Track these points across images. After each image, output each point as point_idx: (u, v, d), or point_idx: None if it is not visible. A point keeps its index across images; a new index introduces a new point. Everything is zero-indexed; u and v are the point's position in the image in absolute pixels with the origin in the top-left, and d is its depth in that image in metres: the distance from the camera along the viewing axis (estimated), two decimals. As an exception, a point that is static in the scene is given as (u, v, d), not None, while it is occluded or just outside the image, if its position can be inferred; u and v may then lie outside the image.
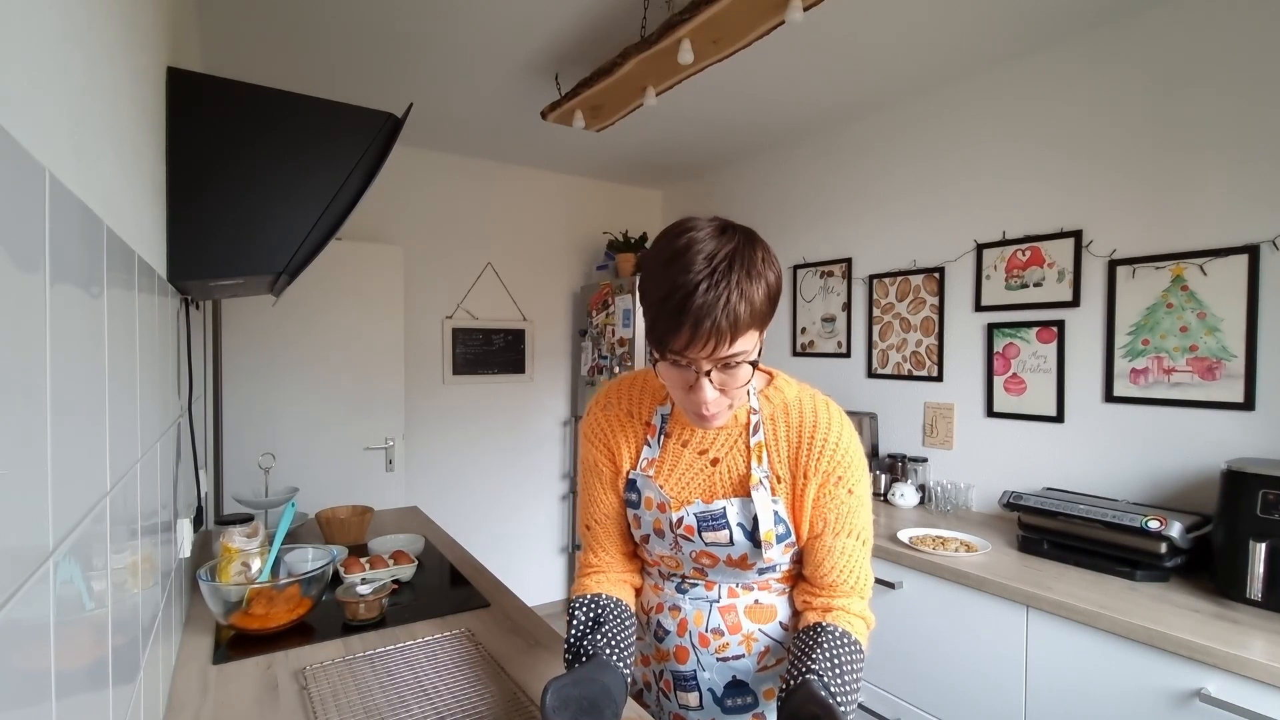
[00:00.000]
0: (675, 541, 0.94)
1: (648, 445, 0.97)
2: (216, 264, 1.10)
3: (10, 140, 0.36)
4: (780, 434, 0.92)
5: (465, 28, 2.03)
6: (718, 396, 0.82)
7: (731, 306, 0.74)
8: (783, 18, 1.56)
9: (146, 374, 0.84)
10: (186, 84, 1.09)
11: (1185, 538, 1.55)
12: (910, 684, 1.84)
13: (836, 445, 0.90)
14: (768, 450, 0.92)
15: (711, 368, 0.79)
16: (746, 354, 0.80)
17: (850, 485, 0.90)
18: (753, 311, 0.77)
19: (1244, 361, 1.70)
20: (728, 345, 0.77)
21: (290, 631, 1.24)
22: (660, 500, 0.94)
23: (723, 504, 0.91)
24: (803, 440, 0.91)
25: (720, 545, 0.91)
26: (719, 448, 0.94)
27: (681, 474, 0.95)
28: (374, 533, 1.95)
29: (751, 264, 0.77)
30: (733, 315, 0.75)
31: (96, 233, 0.57)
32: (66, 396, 0.46)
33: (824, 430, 0.90)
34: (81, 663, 0.49)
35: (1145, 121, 1.89)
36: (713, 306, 0.74)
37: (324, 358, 2.95)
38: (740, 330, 0.76)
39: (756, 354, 0.83)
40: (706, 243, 0.77)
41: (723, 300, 0.74)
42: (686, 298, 0.74)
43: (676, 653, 0.98)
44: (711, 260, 0.75)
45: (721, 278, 0.75)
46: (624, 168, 3.60)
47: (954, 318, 2.38)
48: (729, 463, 0.93)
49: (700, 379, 0.80)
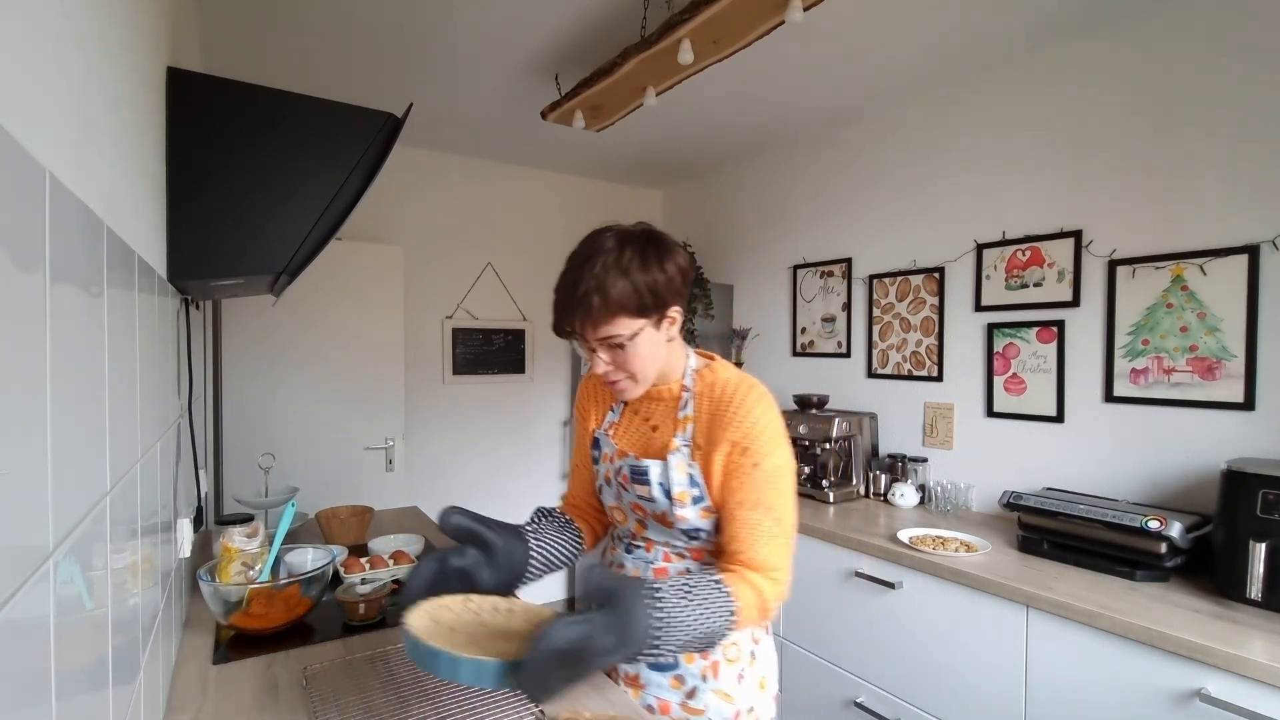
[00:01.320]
0: (618, 490, 1.09)
1: (611, 411, 1.17)
2: (216, 264, 1.10)
3: (10, 140, 0.36)
4: (704, 408, 1.04)
5: (465, 28, 2.03)
6: (610, 369, 1.01)
7: (586, 296, 0.93)
8: (783, 18, 1.56)
9: (146, 374, 0.84)
10: (187, 84, 1.09)
11: (1185, 538, 1.55)
12: (910, 684, 1.84)
13: (745, 417, 0.99)
14: (693, 422, 1.05)
15: (596, 346, 0.98)
16: (623, 337, 0.96)
17: (756, 460, 0.98)
18: (607, 300, 0.93)
19: (1244, 361, 1.70)
20: (594, 326, 0.95)
21: (290, 631, 1.24)
22: (610, 452, 1.12)
23: (648, 463, 1.05)
24: (717, 411, 1.02)
25: (645, 499, 1.05)
26: (658, 417, 1.10)
27: (629, 435, 1.13)
28: (374, 533, 1.95)
29: (618, 263, 0.94)
30: (588, 301, 0.93)
31: (96, 233, 0.57)
32: (66, 396, 0.46)
33: (737, 404, 1.01)
34: (81, 663, 0.49)
35: (1145, 121, 1.89)
36: (572, 290, 0.95)
37: (324, 358, 2.95)
38: (601, 313, 0.94)
39: (643, 337, 0.98)
40: (583, 247, 0.98)
41: (579, 290, 0.94)
42: (559, 283, 0.98)
43: None
44: (578, 258, 0.97)
45: (585, 271, 0.94)
46: (624, 168, 3.60)
47: (954, 318, 2.38)
48: (663, 431, 1.08)
49: (592, 355, 1.00)
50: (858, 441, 2.51)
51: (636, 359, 0.99)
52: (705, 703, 1.05)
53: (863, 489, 2.52)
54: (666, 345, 1.03)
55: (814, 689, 2.13)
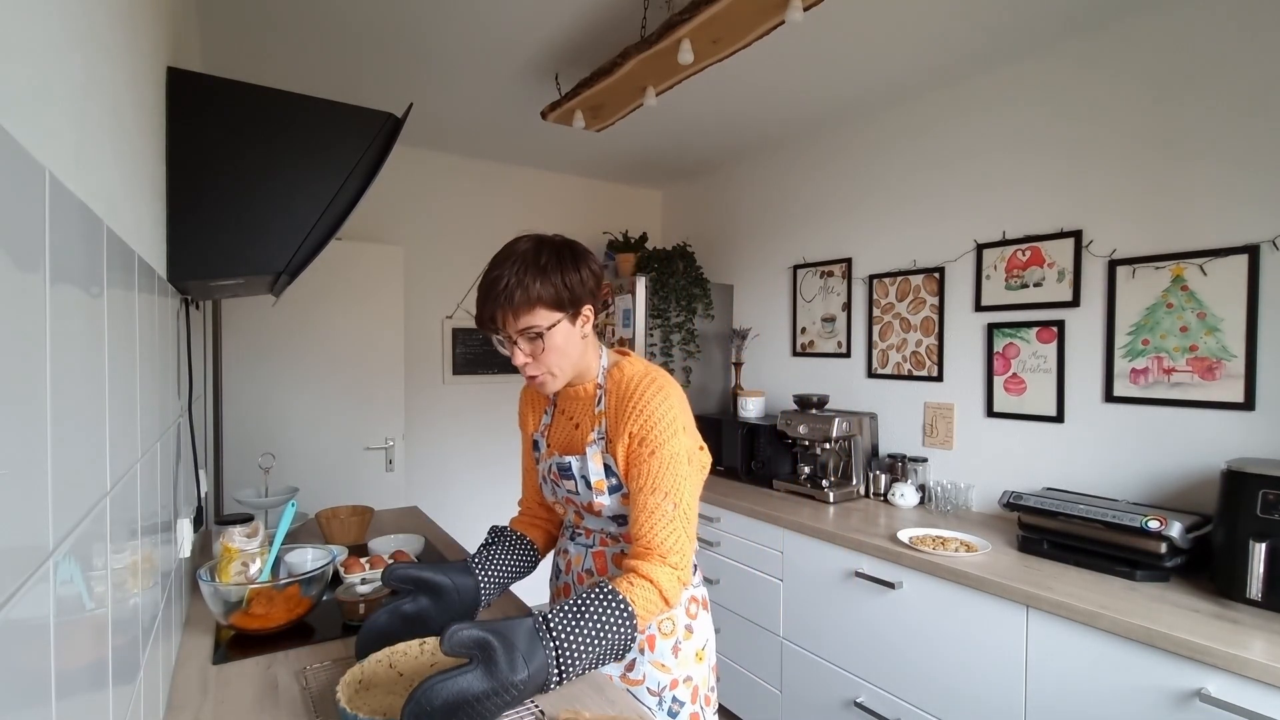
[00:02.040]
0: (553, 487, 1.19)
1: (545, 414, 1.26)
2: (216, 264, 1.10)
3: (10, 140, 0.36)
4: (612, 403, 1.12)
5: (465, 28, 2.03)
6: (529, 361, 1.07)
7: (508, 288, 1.01)
8: (783, 17, 1.56)
9: (146, 374, 0.84)
10: (186, 84, 1.09)
11: (1185, 538, 1.55)
12: (910, 684, 1.84)
13: (643, 410, 1.07)
14: (605, 417, 1.13)
15: (516, 338, 1.05)
16: (541, 327, 1.04)
17: (653, 448, 1.06)
18: (527, 292, 1.01)
19: (1244, 361, 1.70)
20: (515, 316, 1.03)
21: (290, 631, 1.24)
22: (543, 452, 1.22)
23: (569, 459, 1.14)
24: (621, 405, 1.10)
25: (571, 492, 1.16)
26: (579, 415, 1.18)
27: (559, 435, 1.22)
28: (374, 533, 1.95)
29: (536, 261, 1.03)
30: (509, 294, 1.01)
31: (96, 233, 0.57)
32: (66, 397, 0.46)
33: (636, 397, 1.08)
34: (81, 663, 0.49)
35: (1145, 121, 1.89)
36: (494, 285, 1.02)
37: (324, 358, 2.95)
38: (522, 303, 1.02)
39: (559, 330, 1.06)
40: (503, 249, 1.07)
41: (501, 283, 1.02)
42: (482, 280, 1.05)
43: (563, 589, 1.25)
44: (499, 257, 1.05)
45: (505, 267, 1.03)
46: (624, 168, 3.60)
47: (954, 318, 2.38)
48: (584, 427, 1.16)
49: (513, 347, 1.06)
50: (858, 441, 2.51)
51: (553, 351, 1.07)
52: (643, 673, 1.14)
53: (863, 489, 2.52)
54: (581, 341, 1.11)
55: (814, 689, 2.13)
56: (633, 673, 1.15)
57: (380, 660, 0.99)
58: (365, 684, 0.96)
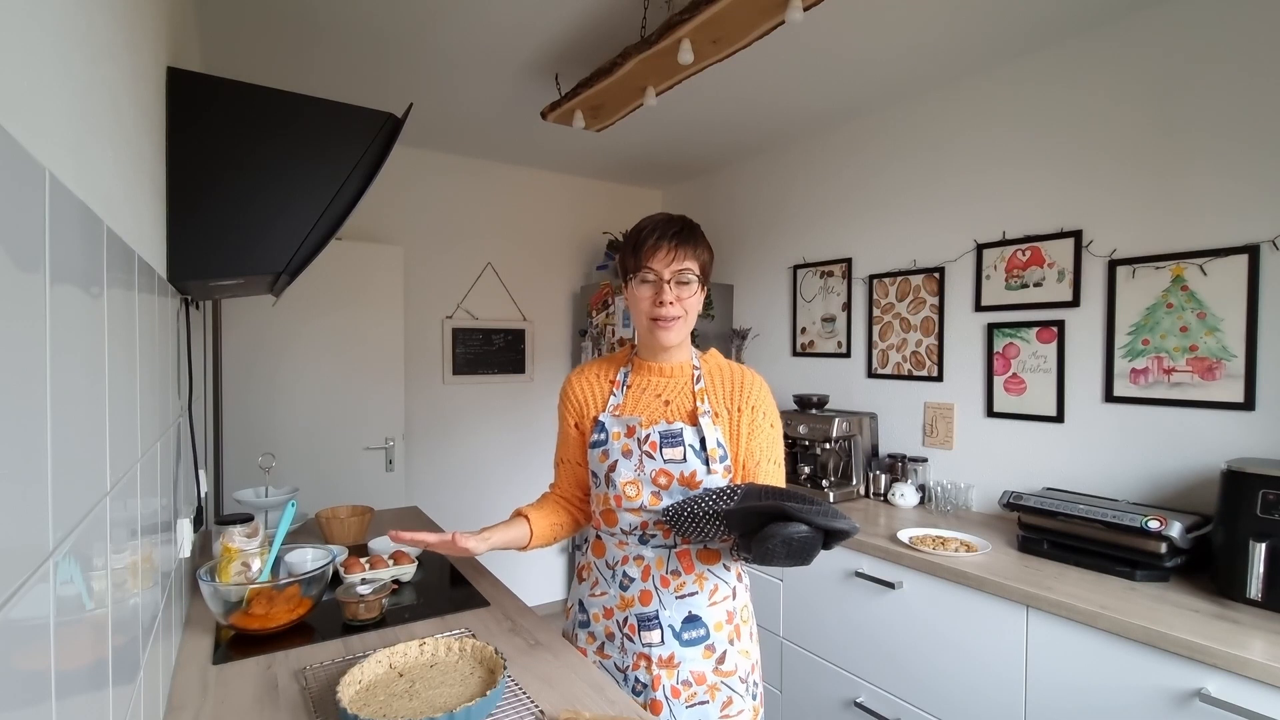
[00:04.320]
0: (640, 460, 1.16)
1: (614, 395, 1.24)
2: (216, 264, 1.10)
3: (10, 140, 0.36)
4: (717, 382, 1.21)
5: (465, 28, 2.03)
6: (674, 302, 1.14)
7: (687, 229, 1.15)
8: (783, 18, 1.56)
9: (146, 374, 0.84)
10: (186, 84, 1.09)
11: (1185, 538, 1.55)
12: (910, 684, 1.84)
13: (759, 389, 1.21)
14: (708, 394, 1.20)
15: (671, 278, 1.13)
16: (694, 276, 1.15)
17: (772, 420, 1.22)
18: (696, 243, 1.15)
19: (1244, 361, 1.70)
20: (683, 257, 1.13)
21: (290, 631, 1.24)
22: (631, 424, 1.18)
23: (680, 425, 1.17)
24: (734, 386, 1.20)
25: (675, 462, 1.14)
26: (670, 392, 1.21)
27: (642, 410, 1.21)
28: (374, 533, 1.95)
29: (697, 227, 1.18)
30: (686, 233, 1.14)
31: (96, 233, 0.57)
32: (66, 397, 0.46)
33: (750, 378, 1.22)
34: (81, 663, 0.49)
35: (1145, 121, 1.89)
36: (672, 223, 1.15)
37: (324, 358, 2.95)
38: (688, 249, 1.13)
39: (702, 285, 1.18)
40: (658, 215, 1.18)
41: (675, 227, 1.14)
42: (653, 226, 1.15)
43: (641, 596, 1.17)
44: (654, 217, 1.17)
45: (674, 221, 1.15)
46: (624, 168, 3.60)
47: (954, 318, 2.38)
48: (678, 403, 1.20)
49: (663, 285, 1.13)
50: (858, 441, 2.51)
51: (694, 299, 1.17)
52: (734, 663, 1.18)
53: (863, 489, 2.52)
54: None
55: (814, 689, 2.13)
56: (724, 665, 1.17)
57: (380, 660, 1.00)
58: (366, 684, 0.97)
